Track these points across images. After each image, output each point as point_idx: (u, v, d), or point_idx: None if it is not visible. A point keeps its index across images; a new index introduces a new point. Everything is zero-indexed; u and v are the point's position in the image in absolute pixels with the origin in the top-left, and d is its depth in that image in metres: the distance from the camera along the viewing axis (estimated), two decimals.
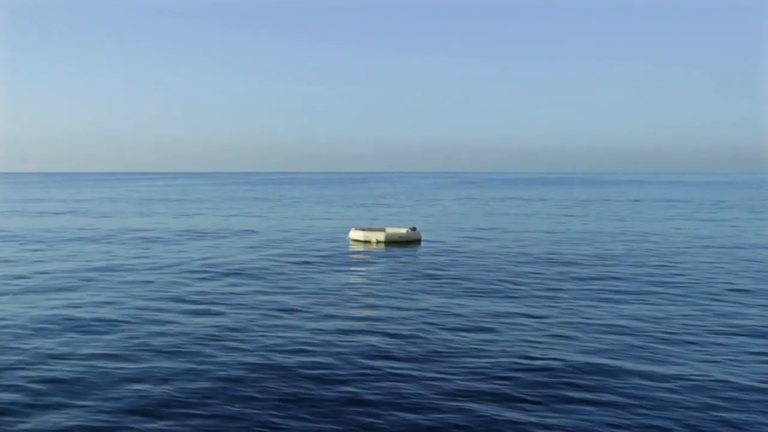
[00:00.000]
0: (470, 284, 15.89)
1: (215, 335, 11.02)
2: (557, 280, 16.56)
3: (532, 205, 54.59)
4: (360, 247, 23.58)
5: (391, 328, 11.51)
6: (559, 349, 10.10)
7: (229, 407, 7.69)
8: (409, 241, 25.24)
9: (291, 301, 13.87)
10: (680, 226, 33.34)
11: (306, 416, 7.44)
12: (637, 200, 62.41)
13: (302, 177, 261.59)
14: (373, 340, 10.70)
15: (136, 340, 10.62)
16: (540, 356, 9.72)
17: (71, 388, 8.34)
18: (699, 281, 16.44)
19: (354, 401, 7.90)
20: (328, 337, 10.91)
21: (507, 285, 15.74)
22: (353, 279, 16.89)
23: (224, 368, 9.16)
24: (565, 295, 14.48)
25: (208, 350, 10.09)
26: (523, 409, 7.64)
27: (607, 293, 14.74)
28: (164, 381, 8.59)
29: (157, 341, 10.55)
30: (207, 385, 8.44)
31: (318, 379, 8.73)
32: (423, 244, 24.68)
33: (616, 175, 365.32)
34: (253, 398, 8.01)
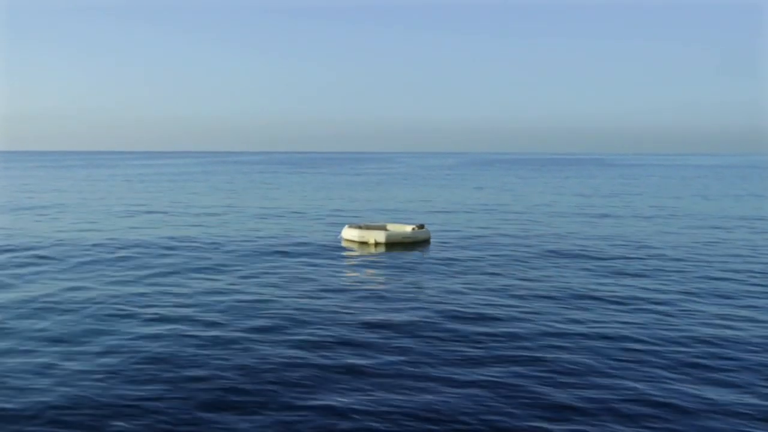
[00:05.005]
0: (494, 303, 11.32)
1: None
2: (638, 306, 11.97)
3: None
4: (354, 250, 18.96)
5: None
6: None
7: None
8: (416, 242, 20.58)
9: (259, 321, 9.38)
10: None
11: None
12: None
13: (286, 157, 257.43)
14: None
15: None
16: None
17: None
18: None
19: None
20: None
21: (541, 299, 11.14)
22: (342, 296, 12.54)
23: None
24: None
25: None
26: None
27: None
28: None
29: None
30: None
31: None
32: (432, 245, 20.04)
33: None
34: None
